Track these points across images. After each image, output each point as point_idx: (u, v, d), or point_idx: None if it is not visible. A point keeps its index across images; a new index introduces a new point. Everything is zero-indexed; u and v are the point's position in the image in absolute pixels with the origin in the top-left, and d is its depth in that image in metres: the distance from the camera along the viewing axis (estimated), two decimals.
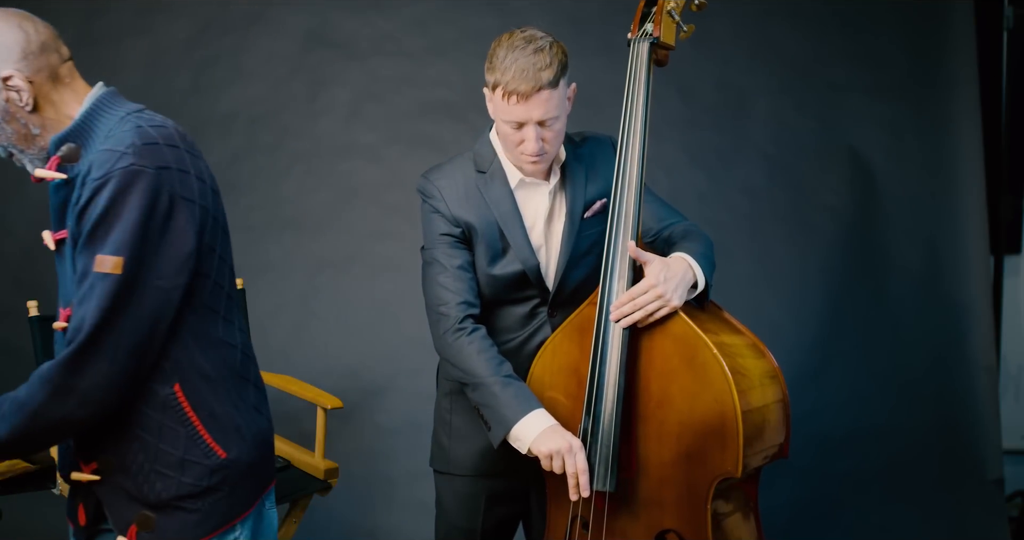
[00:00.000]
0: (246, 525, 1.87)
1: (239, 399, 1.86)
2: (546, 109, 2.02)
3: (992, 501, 3.83)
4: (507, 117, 2.04)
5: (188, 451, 1.78)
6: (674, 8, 2.12)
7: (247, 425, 1.86)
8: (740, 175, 4.00)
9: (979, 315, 3.98)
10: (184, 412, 1.77)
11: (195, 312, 1.77)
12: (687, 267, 2.04)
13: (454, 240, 2.17)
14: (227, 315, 1.85)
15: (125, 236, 1.66)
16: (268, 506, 1.96)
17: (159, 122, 1.77)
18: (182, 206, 1.72)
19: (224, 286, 1.84)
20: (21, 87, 1.72)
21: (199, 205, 1.75)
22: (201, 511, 1.80)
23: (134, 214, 1.66)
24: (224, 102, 3.99)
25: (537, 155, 2.07)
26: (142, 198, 1.67)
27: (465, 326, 2.11)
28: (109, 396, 1.70)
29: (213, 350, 1.81)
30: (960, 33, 3.96)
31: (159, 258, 1.70)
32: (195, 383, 1.78)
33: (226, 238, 1.87)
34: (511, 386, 2.04)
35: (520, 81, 1.98)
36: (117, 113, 1.76)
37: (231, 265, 1.88)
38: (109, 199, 1.66)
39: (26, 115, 1.74)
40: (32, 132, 1.75)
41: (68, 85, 1.77)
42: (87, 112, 1.76)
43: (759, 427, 1.98)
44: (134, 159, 1.67)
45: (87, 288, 1.67)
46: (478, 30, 3.94)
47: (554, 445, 1.97)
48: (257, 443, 1.88)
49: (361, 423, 3.87)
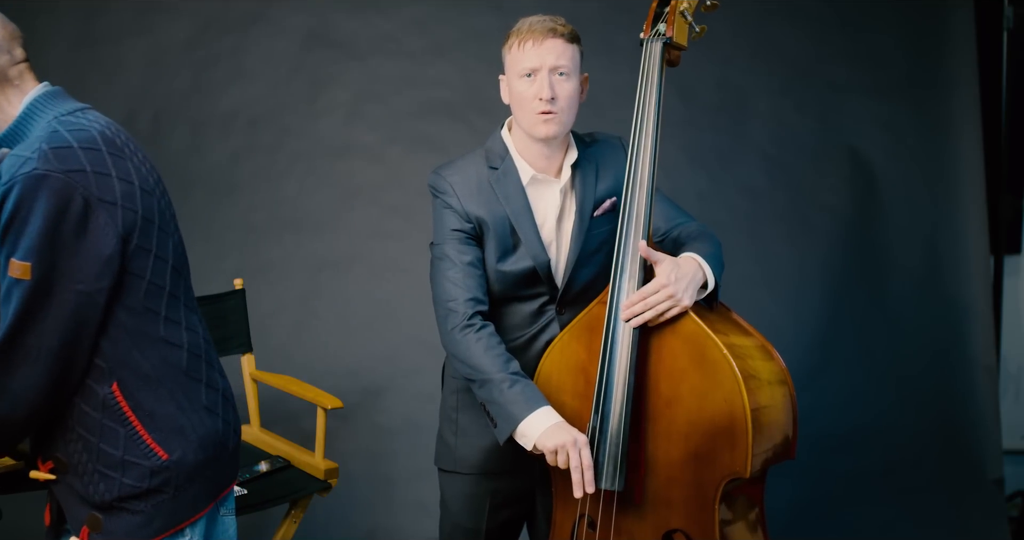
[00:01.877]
0: (196, 530, 1.86)
1: (185, 399, 1.84)
2: (559, 56, 2.07)
3: (992, 501, 3.83)
4: (521, 65, 2.09)
5: (128, 451, 1.77)
6: (687, 9, 2.13)
7: (193, 426, 1.84)
8: (740, 175, 4.00)
9: (979, 315, 3.98)
10: (122, 411, 1.77)
11: (131, 312, 1.76)
12: (697, 267, 2.04)
13: (465, 236, 2.17)
14: (170, 315, 1.84)
15: (32, 242, 1.66)
16: (223, 512, 1.95)
17: (82, 125, 1.76)
18: (99, 209, 1.70)
19: (165, 286, 1.83)
20: None
21: (122, 206, 1.73)
22: (144, 513, 1.79)
23: (39, 219, 1.65)
24: (224, 102, 3.98)
25: (550, 103, 2.08)
26: (48, 203, 1.66)
27: (474, 323, 2.11)
28: (38, 397, 1.70)
29: (153, 349, 1.79)
30: (960, 33, 3.97)
31: (76, 262, 1.69)
32: (133, 383, 1.78)
33: (165, 237, 1.85)
34: (518, 383, 2.04)
35: (536, 28, 2.08)
36: (46, 116, 1.76)
37: (176, 266, 1.87)
38: (14, 205, 1.65)
39: None
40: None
41: (17, 87, 1.77)
42: (21, 115, 1.76)
43: (768, 427, 1.99)
44: (38, 164, 1.66)
45: (6, 291, 1.68)
46: (478, 30, 3.94)
47: (559, 439, 1.97)
48: (204, 445, 1.86)
49: (361, 423, 3.87)
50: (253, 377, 3.30)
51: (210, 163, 3.95)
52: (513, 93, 2.13)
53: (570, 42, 2.10)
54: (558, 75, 2.09)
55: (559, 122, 2.11)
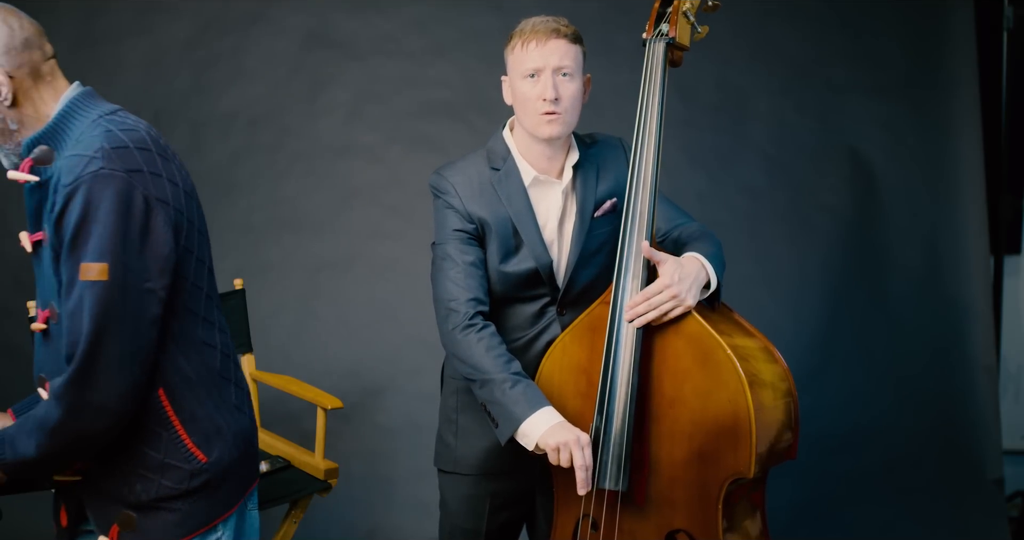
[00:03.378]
0: (228, 525, 1.87)
1: (220, 399, 1.85)
2: (562, 56, 2.08)
3: (992, 501, 3.83)
4: (524, 66, 2.09)
5: (169, 454, 1.77)
6: (689, 9, 2.13)
7: (228, 425, 1.85)
8: (740, 175, 4.00)
9: (979, 315, 3.98)
10: (167, 415, 1.77)
11: (176, 315, 1.76)
12: (700, 267, 2.05)
13: (467, 236, 2.17)
14: (207, 316, 1.85)
15: (105, 241, 1.65)
16: (250, 507, 1.96)
17: (130, 125, 1.76)
18: (158, 208, 1.71)
19: (203, 288, 1.84)
20: (1, 82, 1.71)
21: (173, 207, 1.74)
22: (182, 511, 1.80)
23: (111, 218, 1.65)
24: (224, 102, 3.98)
25: (554, 103, 2.08)
26: (115, 202, 1.65)
27: (475, 323, 2.10)
28: (124, 404, 1.69)
29: (195, 352, 1.80)
30: (960, 33, 3.96)
31: (143, 261, 1.69)
32: (177, 386, 1.78)
33: (204, 240, 1.86)
34: (520, 384, 2.03)
35: (539, 28, 2.09)
36: (89, 115, 1.75)
37: (210, 267, 1.87)
38: (83, 205, 1.64)
39: (4, 110, 1.73)
40: (10, 127, 1.75)
41: (49, 83, 1.77)
42: (61, 114, 1.75)
43: (771, 428, 1.99)
44: (103, 163, 1.66)
45: (76, 299, 1.65)
46: (478, 30, 3.94)
47: (562, 438, 1.97)
48: (238, 443, 1.87)
49: (361, 423, 3.87)
50: (253, 377, 3.30)
51: (210, 163, 3.94)
52: (516, 94, 2.13)
53: (573, 43, 2.11)
54: (561, 75, 2.09)
55: (563, 122, 2.11)
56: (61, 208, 1.66)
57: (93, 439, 1.70)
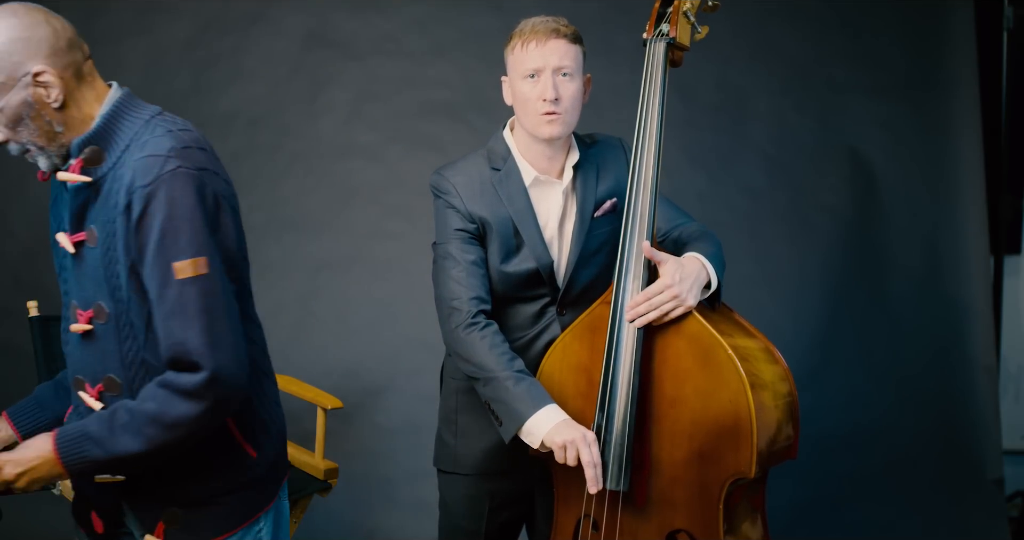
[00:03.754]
0: (268, 517, 1.89)
1: (264, 394, 1.87)
2: (562, 57, 2.08)
3: (992, 501, 3.83)
4: (524, 66, 2.09)
5: (222, 451, 1.79)
6: (689, 9, 2.13)
7: (272, 420, 1.88)
8: (740, 175, 4.00)
9: (979, 315, 3.98)
10: None
11: None
12: (701, 267, 2.05)
13: (468, 236, 2.17)
14: (250, 312, 1.86)
15: (197, 236, 1.66)
16: (282, 496, 1.98)
17: (184, 125, 1.77)
18: (224, 204, 1.73)
19: (248, 285, 1.85)
20: (52, 83, 1.69)
21: (230, 205, 1.76)
22: (230, 506, 1.81)
23: (196, 213, 1.67)
24: (224, 102, 3.98)
25: (554, 103, 2.08)
26: (196, 198, 1.67)
27: (478, 321, 2.11)
28: (239, 394, 1.72)
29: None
30: (960, 33, 3.97)
31: (221, 255, 1.71)
32: None
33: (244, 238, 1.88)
34: (523, 381, 2.04)
35: (539, 28, 2.09)
36: (140, 116, 1.75)
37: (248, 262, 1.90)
38: (167, 204, 1.65)
39: (52, 112, 1.71)
40: (55, 130, 1.73)
41: (90, 84, 1.75)
42: (109, 114, 1.74)
43: (772, 428, 1.99)
44: (179, 162, 1.67)
45: (174, 300, 1.66)
46: (478, 30, 3.94)
47: (568, 435, 1.97)
48: (280, 437, 1.90)
49: (361, 423, 3.87)
50: None
51: None
52: (516, 94, 2.13)
53: (573, 43, 2.11)
54: (561, 75, 2.09)
55: (563, 122, 2.11)
56: (141, 210, 1.66)
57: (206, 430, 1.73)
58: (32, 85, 1.68)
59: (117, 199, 1.68)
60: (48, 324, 3.07)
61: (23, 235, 3.95)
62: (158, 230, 1.65)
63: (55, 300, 4.01)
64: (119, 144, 1.72)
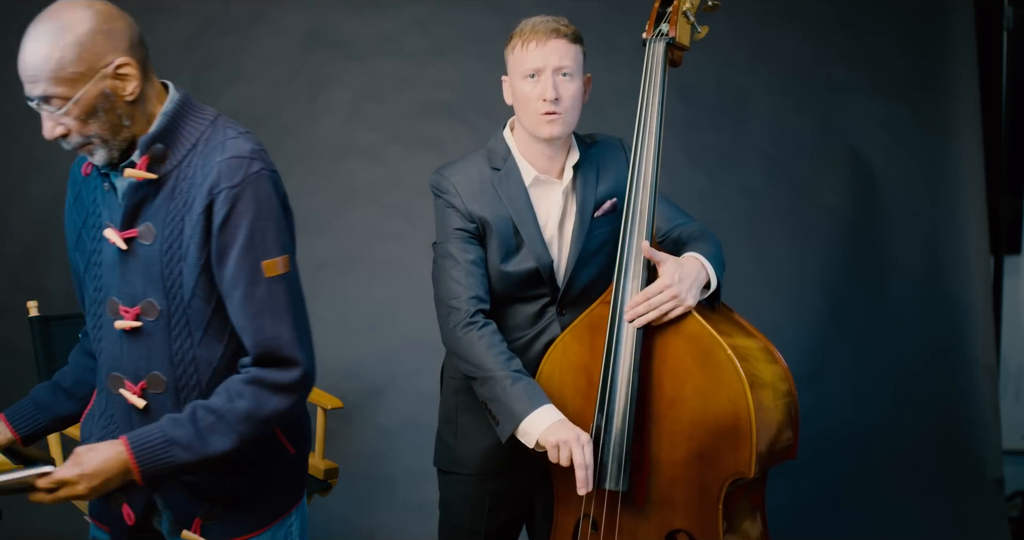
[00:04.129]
0: (298, 512, 1.91)
1: None
2: (562, 56, 2.08)
3: (992, 501, 3.83)
4: (524, 66, 2.09)
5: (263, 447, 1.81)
6: (689, 9, 2.13)
7: (303, 415, 1.92)
8: (740, 175, 4.00)
9: (979, 315, 3.98)
10: None
11: None
12: (700, 267, 2.05)
13: (468, 235, 2.17)
14: None
15: (281, 235, 1.72)
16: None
17: (246, 128, 1.80)
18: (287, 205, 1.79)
19: None
20: (131, 76, 1.68)
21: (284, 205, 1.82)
22: (268, 502, 1.84)
23: (278, 212, 1.72)
24: (224, 102, 3.98)
25: (554, 103, 2.08)
26: (277, 198, 1.73)
27: (476, 321, 2.11)
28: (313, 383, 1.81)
29: None
30: (960, 33, 3.97)
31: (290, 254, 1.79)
32: None
33: None
34: (520, 381, 2.04)
35: (539, 28, 2.09)
36: (204, 117, 1.76)
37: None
38: (255, 205, 1.69)
39: (124, 106, 1.70)
40: (123, 124, 1.71)
41: (151, 80, 1.75)
42: (173, 113, 1.74)
43: (772, 428, 1.99)
44: (262, 164, 1.71)
45: (264, 298, 1.71)
46: (478, 30, 3.94)
47: (562, 435, 1.97)
48: (307, 431, 1.94)
49: (361, 423, 3.87)
50: None
51: None
52: (516, 94, 2.13)
53: (573, 43, 2.11)
54: (562, 75, 2.09)
55: (563, 122, 2.11)
56: (229, 210, 1.69)
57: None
58: (111, 77, 1.67)
59: (188, 198, 1.70)
60: (48, 324, 3.07)
61: (23, 235, 3.95)
62: (247, 229, 1.69)
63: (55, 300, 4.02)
64: (184, 143, 1.73)
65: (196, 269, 1.72)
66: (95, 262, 1.81)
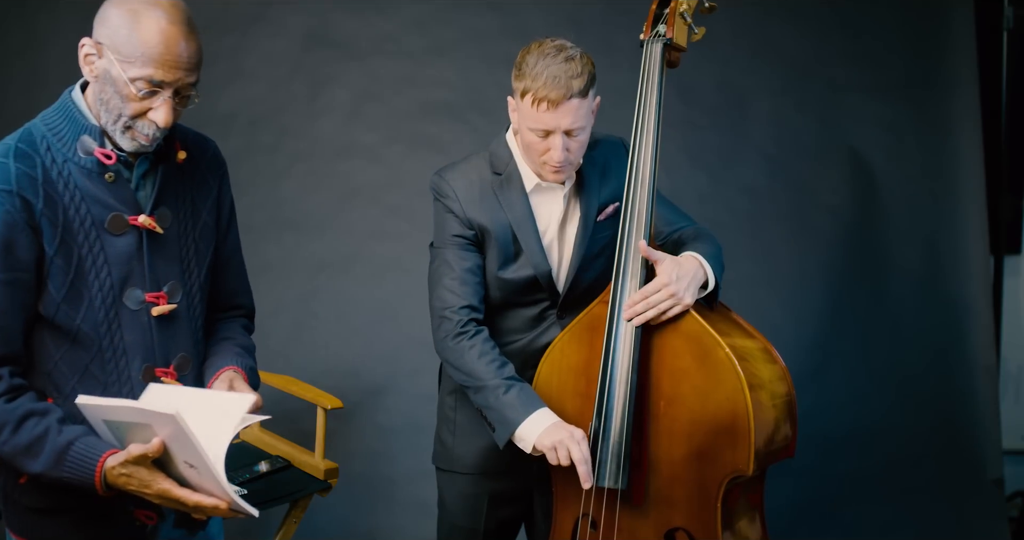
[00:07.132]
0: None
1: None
2: (574, 118, 2.03)
3: (992, 501, 3.83)
4: (535, 125, 2.05)
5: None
6: (686, 10, 2.14)
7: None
8: (740, 175, 4.00)
9: (979, 315, 3.98)
10: None
11: None
12: (698, 266, 2.05)
13: (466, 242, 2.17)
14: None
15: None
16: None
17: None
18: None
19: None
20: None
21: None
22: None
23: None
24: (224, 102, 3.98)
25: (561, 164, 2.08)
26: None
27: (467, 330, 2.11)
28: None
29: None
30: (960, 33, 3.96)
31: None
32: None
33: None
34: (513, 388, 2.04)
35: (551, 88, 2.00)
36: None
37: None
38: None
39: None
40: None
41: None
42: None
43: (770, 426, 1.99)
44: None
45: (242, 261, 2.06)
46: (478, 30, 3.93)
47: (556, 437, 1.98)
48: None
49: (361, 423, 3.87)
50: None
51: None
52: (524, 138, 2.10)
53: (584, 96, 2.04)
54: (572, 135, 2.06)
55: (568, 171, 2.12)
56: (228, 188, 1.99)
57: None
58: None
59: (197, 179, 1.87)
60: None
61: None
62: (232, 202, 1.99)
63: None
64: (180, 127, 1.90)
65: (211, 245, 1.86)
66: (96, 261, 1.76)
